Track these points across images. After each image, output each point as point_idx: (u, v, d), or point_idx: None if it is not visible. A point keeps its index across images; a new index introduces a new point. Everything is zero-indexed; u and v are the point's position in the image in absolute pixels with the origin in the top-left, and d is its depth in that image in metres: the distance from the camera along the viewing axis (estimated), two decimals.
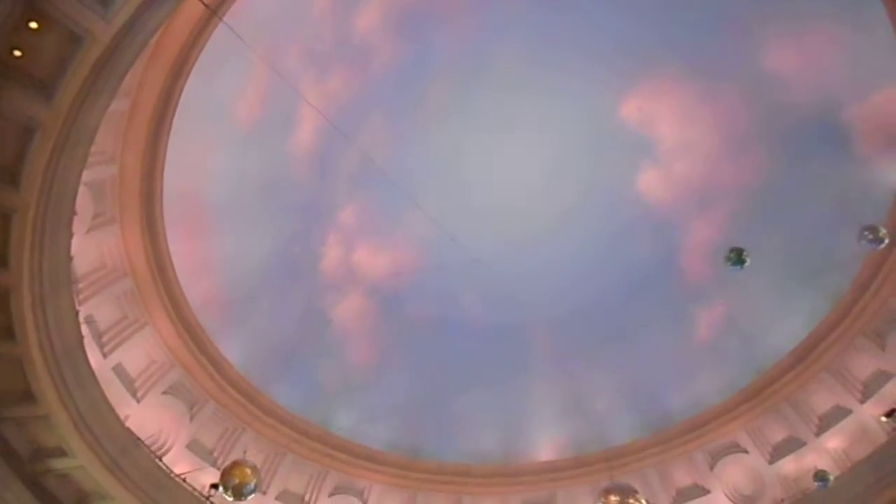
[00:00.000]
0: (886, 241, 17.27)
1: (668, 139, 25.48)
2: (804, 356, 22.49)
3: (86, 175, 15.09)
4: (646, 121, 25.28)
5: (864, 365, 21.37)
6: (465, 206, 25.90)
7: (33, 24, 11.21)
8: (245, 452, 18.01)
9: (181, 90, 18.15)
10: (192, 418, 21.03)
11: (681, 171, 25.55)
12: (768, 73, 22.40)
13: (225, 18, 17.17)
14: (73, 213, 14.91)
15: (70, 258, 15.24)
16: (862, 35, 19.30)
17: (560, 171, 26.28)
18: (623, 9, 23.22)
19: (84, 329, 16.13)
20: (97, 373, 16.48)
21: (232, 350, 22.25)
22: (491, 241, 25.22)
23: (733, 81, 23.30)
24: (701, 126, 24.72)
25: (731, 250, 18.58)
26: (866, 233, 17.37)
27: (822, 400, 22.09)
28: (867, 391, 21.14)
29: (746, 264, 18.44)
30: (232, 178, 22.91)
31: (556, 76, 24.78)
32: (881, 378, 20.87)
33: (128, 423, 17.85)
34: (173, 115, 18.32)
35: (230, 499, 14.22)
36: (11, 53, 11.37)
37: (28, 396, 14.92)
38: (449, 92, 25.39)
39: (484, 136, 25.97)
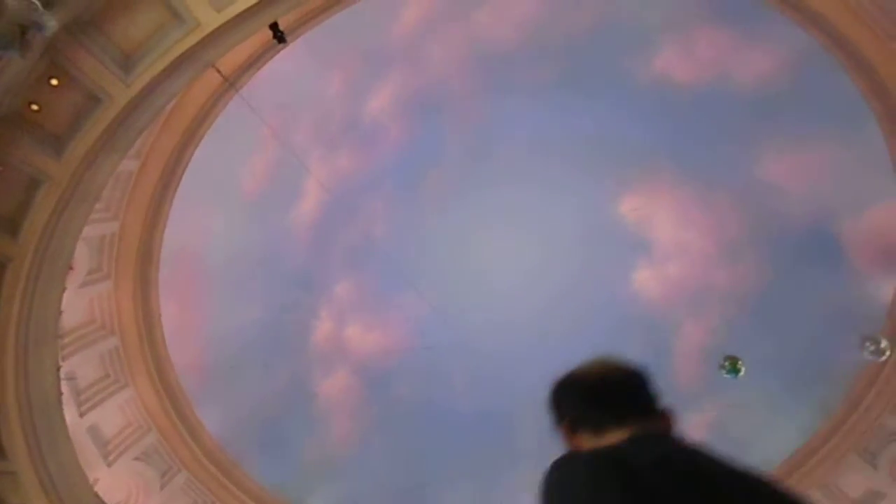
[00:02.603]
0: (888, 353, 17.04)
1: (664, 240, 25.83)
2: (794, 470, 21.97)
3: (86, 230, 15.18)
4: (642, 221, 25.70)
5: (856, 483, 20.85)
6: (460, 291, 25.97)
7: (54, 81, 11.56)
8: None
9: (190, 157, 18.55)
10: (162, 487, 20.33)
11: (675, 272, 25.77)
12: (764, 182, 22.96)
13: (241, 92, 17.75)
14: (69, 267, 14.90)
15: (59, 312, 15.11)
16: (857, 151, 19.88)
17: (556, 263, 26.47)
18: (625, 111, 24.01)
19: (64, 386, 15.82)
20: (71, 432, 16.04)
21: (211, 419, 21.77)
22: (483, 327, 25.16)
23: (728, 188, 23.85)
24: (696, 229, 25.12)
25: (726, 358, 18.29)
26: (868, 344, 17.17)
27: None
28: None
29: (741, 374, 18.13)
30: (231, 245, 23.05)
31: (556, 171, 25.36)
32: (873, 498, 20.33)
33: (96, 488, 17.23)
34: (180, 179, 18.64)
35: None
36: (29, 107, 11.67)
37: None
38: (451, 179, 25.92)
39: (482, 224, 26.32)
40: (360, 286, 26.62)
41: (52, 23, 10.11)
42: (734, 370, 18.00)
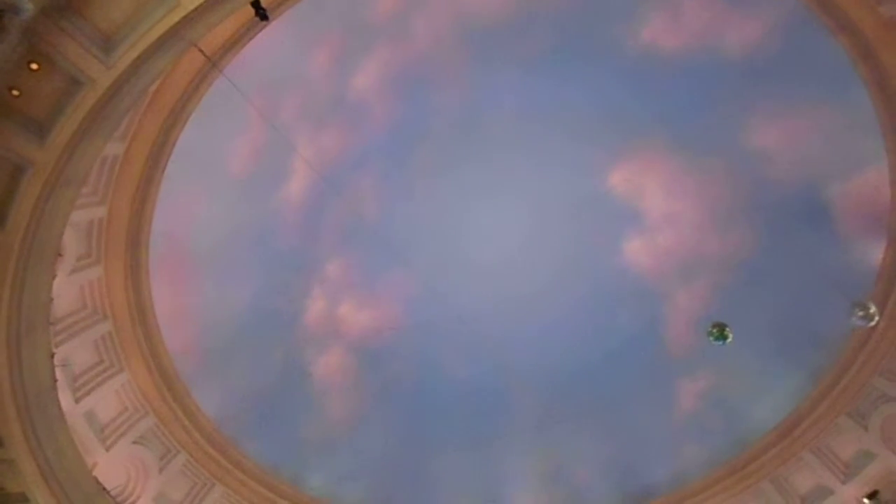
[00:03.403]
0: (877, 318, 17.09)
1: (654, 210, 25.86)
2: (787, 433, 22.30)
3: (74, 216, 15.06)
4: (632, 191, 25.70)
5: (847, 445, 21.18)
6: (451, 265, 25.99)
7: (34, 66, 11.37)
8: None
9: (176, 138, 18.36)
10: (161, 470, 20.43)
11: (666, 241, 25.84)
12: (753, 149, 22.97)
13: (224, 71, 17.52)
14: (58, 253, 14.79)
15: (50, 299, 15.03)
16: (845, 116, 19.90)
17: (546, 236, 26.51)
18: (612, 81, 23.90)
19: (58, 372, 15.79)
20: (68, 418, 16.06)
21: (207, 401, 21.81)
22: (475, 302, 25.22)
23: (718, 156, 23.85)
24: (686, 198, 25.15)
25: (714, 325, 18.34)
26: (857, 310, 17.20)
27: (804, 479, 21.81)
28: (849, 472, 20.91)
29: (729, 340, 18.19)
30: (220, 226, 22.93)
31: (546, 143, 25.28)
32: (864, 458, 20.66)
33: (95, 472, 17.30)
34: (167, 161, 18.46)
35: None
36: (10, 92, 11.49)
37: None
38: (439, 154, 25.79)
39: (472, 199, 26.28)
40: (351, 264, 26.60)
41: (28, 6, 9.93)
42: (722, 336, 18.07)
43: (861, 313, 16.96)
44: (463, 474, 25.49)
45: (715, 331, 18.15)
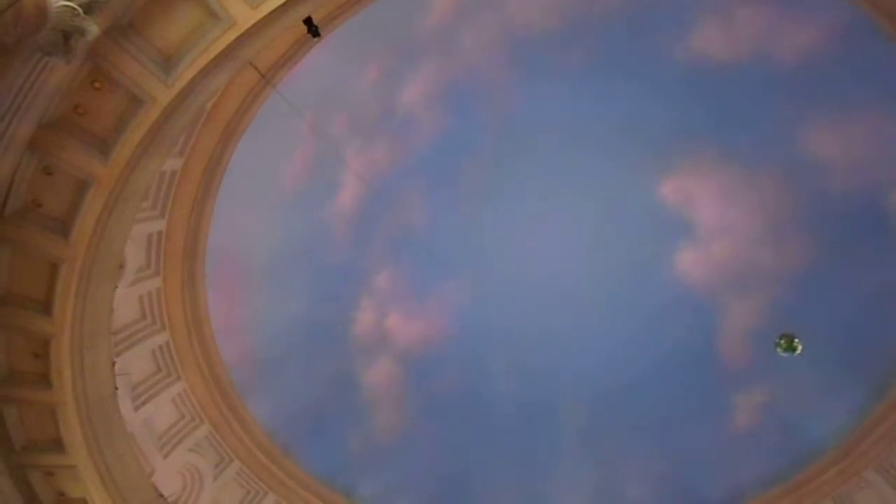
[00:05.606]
0: None
1: (708, 221, 25.38)
2: (849, 451, 21.50)
3: (135, 229, 15.55)
4: (685, 202, 25.29)
5: None
6: (499, 277, 25.95)
7: (97, 85, 11.81)
8: None
9: (231, 153, 18.84)
10: (215, 478, 20.83)
11: (720, 253, 25.32)
12: (810, 158, 22.37)
13: (277, 87, 17.94)
14: (120, 266, 15.28)
15: (111, 310, 15.52)
16: None
17: (598, 248, 26.24)
18: (663, 90, 23.60)
19: (118, 381, 16.27)
20: (127, 425, 16.53)
21: (260, 410, 22.19)
22: (523, 313, 25.10)
23: (774, 165, 23.29)
24: (741, 209, 24.61)
25: (782, 336, 18.00)
26: None
27: (868, 498, 20.98)
28: None
29: (798, 352, 17.81)
30: (273, 239, 23.40)
31: (595, 154, 25.08)
32: None
33: (152, 479, 17.76)
34: (222, 176, 18.96)
35: None
36: (75, 111, 11.94)
37: (58, 446, 14.96)
38: (488, 166, 25.86)
39: (521, 212, 26.21)
40: (400, 276, 26.81)
41: (93, 28, 10.30)
42: (790, 348, 17.71)
43: None
44: (511, 488, 25.28)
45: (783, 342, 17.80)
